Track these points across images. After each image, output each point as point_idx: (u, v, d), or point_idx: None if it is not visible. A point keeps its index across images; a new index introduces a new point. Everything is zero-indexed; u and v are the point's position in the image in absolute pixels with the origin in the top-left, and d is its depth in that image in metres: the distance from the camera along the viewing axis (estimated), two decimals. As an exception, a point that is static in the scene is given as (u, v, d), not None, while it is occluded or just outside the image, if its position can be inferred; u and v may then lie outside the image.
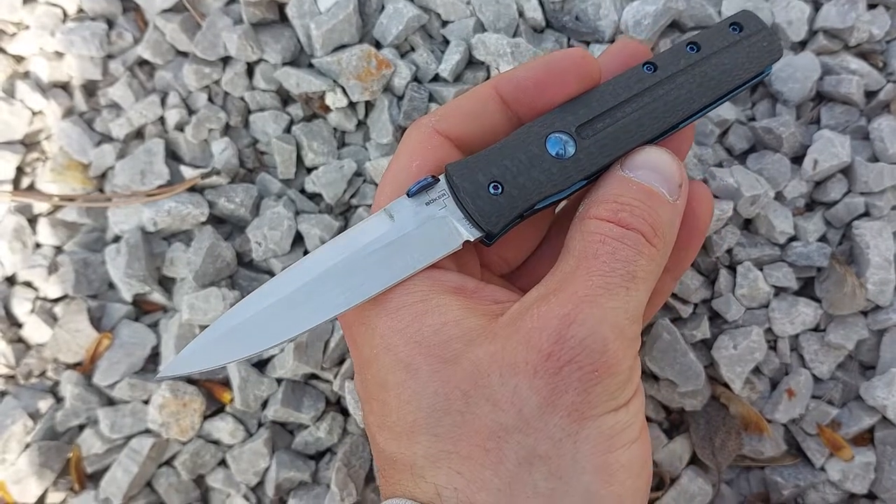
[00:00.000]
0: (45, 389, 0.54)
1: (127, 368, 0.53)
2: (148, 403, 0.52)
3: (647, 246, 0.30)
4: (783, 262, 0.51)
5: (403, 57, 0.54)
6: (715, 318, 0.52)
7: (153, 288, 0.53)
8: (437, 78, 0.54)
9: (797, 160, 0.52)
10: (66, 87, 0.58)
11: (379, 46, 0.54)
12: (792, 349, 0.51)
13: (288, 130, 0.55)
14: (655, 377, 0.51)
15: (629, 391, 0.29)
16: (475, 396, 0.28)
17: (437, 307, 0.30)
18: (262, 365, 0.53)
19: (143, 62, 0.57)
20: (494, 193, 0.32)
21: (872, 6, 0.53)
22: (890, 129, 0.50)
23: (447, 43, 0.54)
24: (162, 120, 0.56)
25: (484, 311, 0.30)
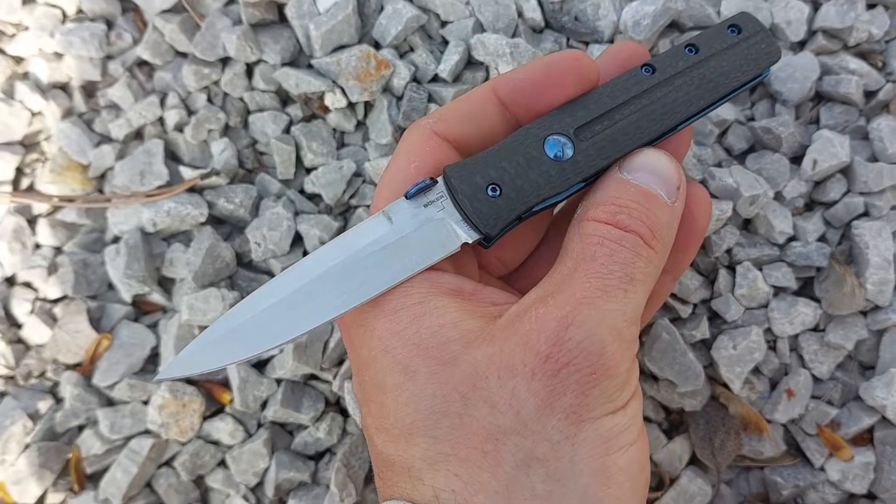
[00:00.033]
0: (44, 390, 0.54)
1: (126, 369, 0.53)
2: (147, 404, 0.52)
3: (645, 248, 0.30)
4: (782, 262, 0.51)
5: (402, 57, 0.54)
6: (714, 318, 0.52)
7: (152, 288, 0.53)
8: (436, 78, 0.54)
9: (796, 160, 0.52)
10: (65, 87, 0.58)
11: (378, 47, 0.54)
12: (791, 349, 0.51)
13: (287, 131, 0.55)
14: (655, 377, 0.51)
15: (627, 393, 0.29)
16: (473, 398, 0.28)
17: (435, 309, 0.30)
18: (261, 365, 0.53)
19: (142, 63, 0.57)
20: (492, 195, 0.32)
21: (871, 6, 0.53)
22: (889, 128, 0.50)
23: (446, 43, 0.54)
24: (161, 120, 0.56)
25: (482, 312, 0.30)
